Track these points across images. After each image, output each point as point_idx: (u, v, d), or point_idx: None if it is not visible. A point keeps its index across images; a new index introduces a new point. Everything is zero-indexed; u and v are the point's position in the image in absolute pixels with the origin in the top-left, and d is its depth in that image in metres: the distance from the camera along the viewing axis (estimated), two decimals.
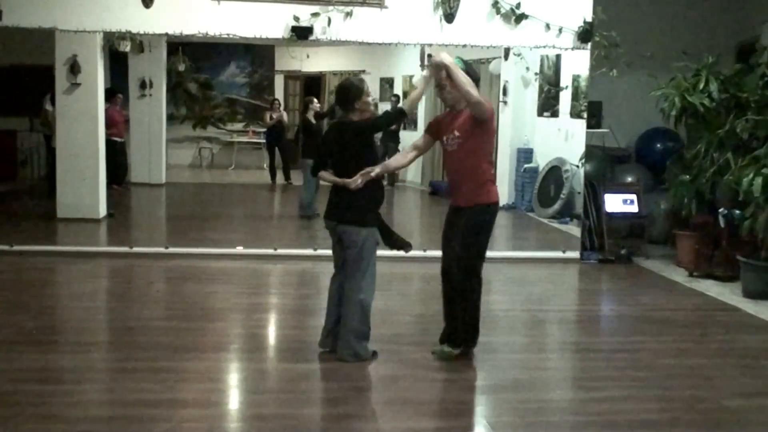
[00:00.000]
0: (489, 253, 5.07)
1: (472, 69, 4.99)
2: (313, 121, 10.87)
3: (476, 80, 4.94)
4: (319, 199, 10.07)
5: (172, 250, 8.21)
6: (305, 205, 10.43)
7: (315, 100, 11.14)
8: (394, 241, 5.22)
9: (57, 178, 9.61)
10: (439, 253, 5.15)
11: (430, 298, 6.24)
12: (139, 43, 12.65)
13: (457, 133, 4.89)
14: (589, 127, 9.02)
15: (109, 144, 10.41)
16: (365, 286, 4.92)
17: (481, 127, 4.87)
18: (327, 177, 5.03)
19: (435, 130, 5.11)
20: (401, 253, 5.34)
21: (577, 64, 9.53)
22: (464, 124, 4.89)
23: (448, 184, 5.27)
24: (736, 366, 5.24)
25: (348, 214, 4.89)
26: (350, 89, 4.94)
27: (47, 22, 7.89)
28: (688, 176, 7.99)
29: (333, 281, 5.13)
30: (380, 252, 5.23)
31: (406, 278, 7.51)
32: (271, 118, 14.58)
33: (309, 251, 8.22)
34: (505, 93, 11.81)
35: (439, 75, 4.84)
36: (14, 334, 5.38)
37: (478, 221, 4.92)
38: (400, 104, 5.03)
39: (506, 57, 11.43)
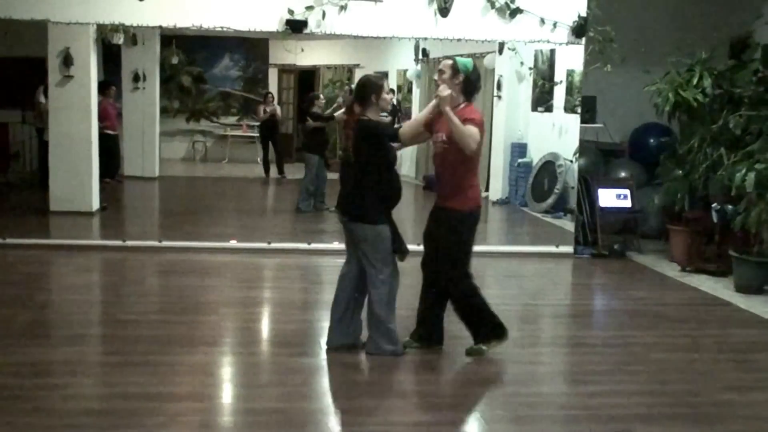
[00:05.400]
0: (483, 248, 5.12)
1: (476, 73, 5.03)
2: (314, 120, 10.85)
3: (477, 88, 5.05)
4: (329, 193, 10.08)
5: (165, 243, 8.19)
6: (303, 198, 10.41)
7: (321, 96, 11.08)
8: (397, 246, 5.22)
9: (50, 171, 9.56)
10: None
11: None
12: (133, 35, 12.55)
13: (444, 137, 4.91)
14: (583, 122, 9.04)
15: (102, 137, 10.34)
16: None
17: None
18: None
19: (430, 123, 5.11)
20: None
21: (572, 59, 9.55)
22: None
23: (435, 179, 5.31)
24: (728, 360, 5.27)
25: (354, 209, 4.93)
26: (367, 86, 4.99)
27: (40, 14, 7.84)
28: (681, 171, 8.01)
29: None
30: None
31: (401, 273, 7.49)
32: (264, 111, 14.53)
33: (303, 245, 8.21)
34: (499, 88, 11.79)
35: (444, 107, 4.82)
36: (7, 328, 5.37)
37: (453, 226, 4.97)
38: (401, 128, 5.10)
39: (501, 51, 11.40)
